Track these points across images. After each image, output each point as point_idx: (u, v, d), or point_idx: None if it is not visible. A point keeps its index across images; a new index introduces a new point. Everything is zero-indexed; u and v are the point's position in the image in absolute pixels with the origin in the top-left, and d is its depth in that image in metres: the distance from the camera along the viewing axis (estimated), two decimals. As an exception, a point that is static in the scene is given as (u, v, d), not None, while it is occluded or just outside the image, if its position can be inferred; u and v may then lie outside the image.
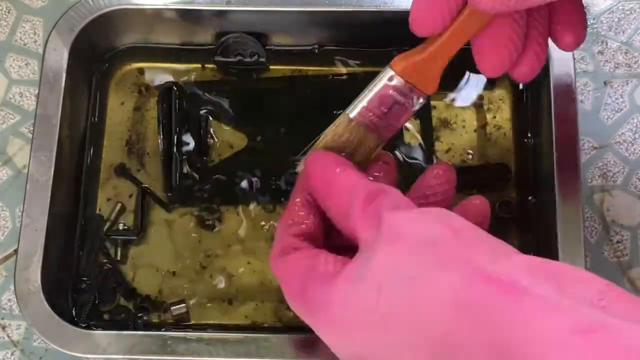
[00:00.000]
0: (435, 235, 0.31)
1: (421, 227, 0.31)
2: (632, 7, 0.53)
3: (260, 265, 0.49)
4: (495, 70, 0.36)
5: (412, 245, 0.31)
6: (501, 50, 0.35)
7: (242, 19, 0.51)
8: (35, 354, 0.48)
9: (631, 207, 0.50)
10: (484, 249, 0.30)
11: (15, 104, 0.53)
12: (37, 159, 0.47)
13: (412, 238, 0.31)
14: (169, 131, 0.51)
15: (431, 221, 0.32)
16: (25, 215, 0.46)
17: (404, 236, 0.31)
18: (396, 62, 0.37)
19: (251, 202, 0.50)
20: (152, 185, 0.50)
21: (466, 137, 0.51)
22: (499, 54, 0.36)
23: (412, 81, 0.37)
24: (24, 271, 0.45)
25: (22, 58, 0.54)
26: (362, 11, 0.50)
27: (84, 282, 0.48)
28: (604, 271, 0.49)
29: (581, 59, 0.52)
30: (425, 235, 0.31)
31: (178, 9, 0.50)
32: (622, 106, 0.52)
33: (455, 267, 0.29)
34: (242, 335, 0.44)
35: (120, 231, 0.49)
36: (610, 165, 0.50)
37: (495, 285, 0.28)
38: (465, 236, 0.31)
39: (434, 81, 0.37)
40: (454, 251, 0.30)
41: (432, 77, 0.37)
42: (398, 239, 0.31)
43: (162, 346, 0.44)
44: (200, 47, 0.53)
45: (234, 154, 0.51)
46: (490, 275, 0.28)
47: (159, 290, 0.49)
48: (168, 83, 0.52)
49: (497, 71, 0.36)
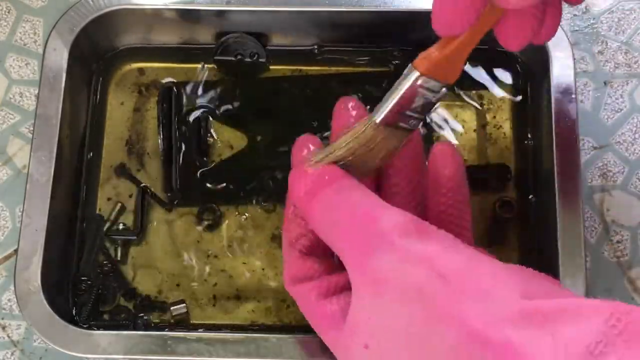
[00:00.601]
0: (422, 285, 0.30)
1: (408, 275, 0.30)
2: (632, 7, 0.53)
3: (260, 265, 0.49)
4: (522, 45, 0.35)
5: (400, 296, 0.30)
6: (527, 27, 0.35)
7: (242, 19, 0.51)
8: (35, 354, 0.48)
9: (631, 207, 0.50)
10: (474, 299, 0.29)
11: (15, 104, 0.53)
12: (37, 159, 0.47)
13: (398, 287, 0.30)
14: (169, 131, 0.51)
15: (418, 267, 0.31)
16: (25, 215, 0.46)
17: (390, 285, 0.31)
18: (419, 62, 0.37)
19: (251, 202, 0.50)
20: (152, 185, 0.50)
21: (466, 137, 0.51)
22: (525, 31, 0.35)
23: (436, 77, 0.37)
24: (24, 271, 0.45)
25: (22, 58, 0.54)
26: (362, 11, 0.50)
27: (84, 282, 0.48)
28: (604, 271, 0.49)
29: (581, 59, 0.52)
30: (413, 285, 0.30)
31: (178, 9, 0.50)
32: (622, 106, 0.52)
33: (444, 322, 0.28)
34: (242, 335, 0.44)
35: (120, 231, 0.49)
36: (610, 165, 0.50)
37: (489, 348, 0.27)
38: (454, 284, 0.30)
39: (457, 72, 0.37)
40: (444, 305, 0.29)
41: (455, 69, 0.37)
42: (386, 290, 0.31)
43: (162, 346, 0.44)
44: (200, 47, 0.53)
45: (233, 154, 0.51)
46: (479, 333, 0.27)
47: (159, 290, 0.49)
48: (168, 83, 0.52)
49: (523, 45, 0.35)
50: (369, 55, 0.52)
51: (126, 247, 0.49)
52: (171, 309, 0.48)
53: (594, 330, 0.26)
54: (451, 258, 0.31)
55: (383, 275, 0.31)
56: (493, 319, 0.28)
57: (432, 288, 0.30)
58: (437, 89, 0.37)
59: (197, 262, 0.49)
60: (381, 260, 0.31)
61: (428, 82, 0.37)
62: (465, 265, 0.30)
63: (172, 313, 0.48)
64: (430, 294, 0.29)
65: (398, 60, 0.52)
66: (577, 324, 0.26)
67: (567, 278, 0.44)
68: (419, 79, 0.36)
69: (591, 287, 0.47)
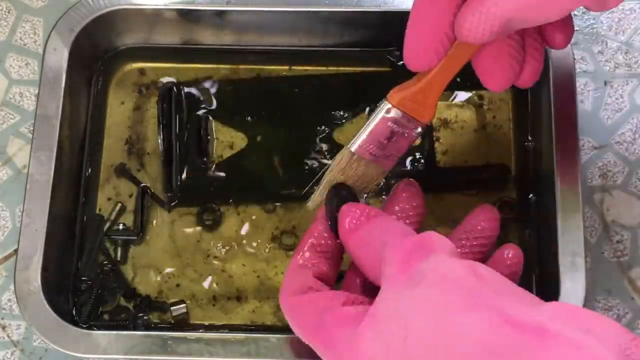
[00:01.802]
0: (460, 277, 0.31)
1: (446, 269, 0.31)
2: (632, 7, 0.53)
3: (260, 265, 0.49)
4: (503, 86, 0.37)
5: (437, 286, 0.31)
6: (505, 67, 0.36)
7: (242, 19, 0.51)
8: (35, 354, 0.48)
9: (631, 207, 0.50)
10: (509, 296, 0.30)
11: (15, 104, 0.53)
12: (37, 159, 0.47)
13: (436, 279, 0.31)
14: (169, 131, 0.51)
15: (456, 265, 0.32)
16: (25, 215, 0.46)
17: (428, 277, 0.31)
18: (392, 95, 0.38)
19: (251, 202, 0.50)
20: (152, 185, 0.50)
21: (466, 137, 0.51)
22: (503, 71, 0.36)
23: (409, 112, 0.38)
24: (24, 272, 0.45)
25: (22, 58, 0.54)
26: (362, 11, 0.50)
27: (84, 283, 0.48)
28: (604, 271, 0.49)
29: (581, 59, 0.52)
30: (450, 277, 0.31)
31: (178, 9, 0.50)
32: (622, 106, 0.52)
33: (482, 310, 0.29)
34: (242, 335, 0.44)
35: (120, 231, 0.49)
36: (610, 165, 0.50)
37: (522, 330, 0.28)
38: (490, 282, 0.31)
39: (431, 110, 0.38)
40: (479, 294, 0.30)
41: (428, 105, 0.38)
42: (422, 280, 0.31)
43: (162, 346, 0.44)
44: (200, 47, 0.53)
45: (234, 154, 0.51)
46: (517, 319, 0.28)
47: (159, 290, 0.49)
48: (168, 83, 0.52)
49: (504, 87, 0.37)
50: (369, 55, 0.52)
51: (126, 247, 0.49)
52: (171, 309, 0.48)
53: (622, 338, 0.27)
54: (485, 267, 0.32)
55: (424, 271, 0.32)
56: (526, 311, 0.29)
57: (470, 283, 0.30)
58: (410, 125, 0.38)
59: (197, 262, 0.49)
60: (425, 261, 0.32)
61: (400, 116, 0.38)
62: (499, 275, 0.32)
63: (172, 313, 0.48)
64: (467, 285, 0.30)
65: (398, 60, 0.52)
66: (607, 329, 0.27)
67: (567, 278, 0.44)
68: (390, 111, 0.38)
69: (591, 287, 0.47)
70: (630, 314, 0.48)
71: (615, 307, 0.48)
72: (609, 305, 0.48)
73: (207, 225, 0.50)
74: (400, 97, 0.38)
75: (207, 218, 0.50)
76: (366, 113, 0.51)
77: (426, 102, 0.38)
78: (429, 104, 0.38)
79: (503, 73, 0.36)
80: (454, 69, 0.37)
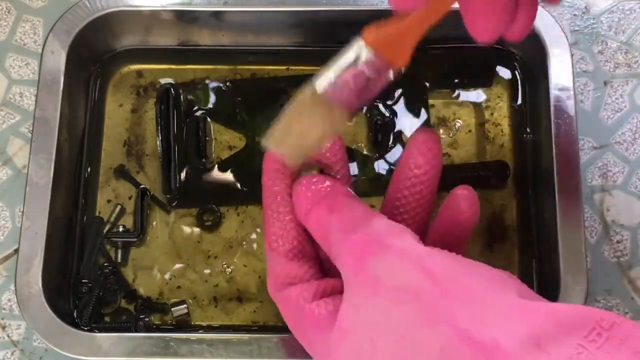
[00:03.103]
0: (412, 285, 0.31)
1: (401, 275, 0.31)
2: (632, 7, 0.53)
3: (260, 265, 0.49)
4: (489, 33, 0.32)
5: (393, 298, 0.31)
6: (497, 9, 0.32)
7: (239, 20, 0.50)
8: (35, 354, 0.48)
9: (631, 207, 0.50)
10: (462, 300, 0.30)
11: (15, 104, 0.53)
12: (36, 162, 0.47)
13: (390, 288, 0.31)
14: (167, 132, 0.50)
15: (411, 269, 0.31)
16: (25, 218, 0.46)
17: (382, 284, 0.31)
18: (367, 33, 0.34)
19: (251, 202, 0.50)
20: (152, 186, 0.50)
21: (465, 135, 0.51)
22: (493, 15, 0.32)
23: (384, 54, 0.34)
24: (25, 274, 0.45)
25: (22, 58, 0.54)
26: (360, 10, 0.50)
27: (84, 285, 0.48)
28: (604, 271, 0.49)
29: (581, 59, 0.52)
30: (404, 285, 0.31)
31: (175, 10, 0.50)
32: (622, 106, 0.52)
33: (438, 325, 0.29)
34: (243, 335, 0.44)
35: (120, 233, 0.49)
36: (610, 165, 0.50)
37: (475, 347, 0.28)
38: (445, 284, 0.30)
39: (406, 54, 0.34)
40: (434, 307, 0.30)
41: (403, 49, 0.34)
42: (377, 286, 0.31)
43: (163, 348, 0.44)
44: (198, 48, 0.52)
45: (233, 154, 0.51)
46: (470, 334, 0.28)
47: (160, 291, 0.49)
48: (166, 84, 0.52)
49: (491, 34, 0.33)
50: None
51: (126, 249, 0.49)
52: (172, 310, 0.48)
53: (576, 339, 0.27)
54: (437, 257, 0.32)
55: (378, 276, 0.32)
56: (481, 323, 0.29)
57: (424, 290, 0.30)
58: (381, 68, 0.34)
59: (198, 263, 0.49)
60: (377, 262, 0.32)
61: (373, 58, 0.34)
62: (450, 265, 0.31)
63: (173, 314, 0.48)
64: (421, 293, 0.30)
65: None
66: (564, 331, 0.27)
67: (567, 278, 0.44)
68: (363, 50, 0.34)
69: (591, 287, 0.47)
70: (630, 314, 0.48)
71: (615, 307, 0.48)
72: (609, 305, 0.48)
73: (207, 226, 0.50)
74: (375, 36, 0.34)
75: (207, 219, 0.50)
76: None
77: (402, 45, 0.34)
78: (404, 48, 0.34)
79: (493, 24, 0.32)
80: (436, 14, 0.33)
